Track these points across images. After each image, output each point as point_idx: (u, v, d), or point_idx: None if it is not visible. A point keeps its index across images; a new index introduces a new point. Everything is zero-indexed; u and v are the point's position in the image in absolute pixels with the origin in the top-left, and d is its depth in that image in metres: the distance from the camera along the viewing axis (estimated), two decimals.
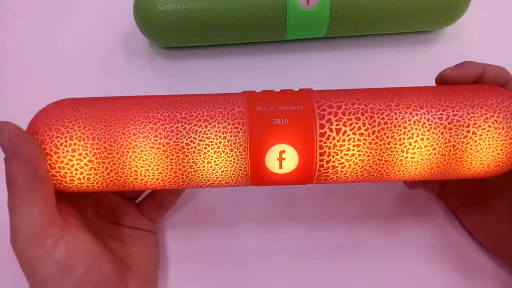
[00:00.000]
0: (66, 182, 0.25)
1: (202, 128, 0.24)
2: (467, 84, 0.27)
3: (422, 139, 0.24)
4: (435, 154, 0.24)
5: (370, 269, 0.32)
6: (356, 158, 0.24)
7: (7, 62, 0.43)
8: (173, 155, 0.24)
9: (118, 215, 0.31)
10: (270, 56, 0.43)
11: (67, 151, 0.24)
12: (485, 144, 0.24)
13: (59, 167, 0.24)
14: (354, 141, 0.24)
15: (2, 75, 0.42)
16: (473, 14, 0.40)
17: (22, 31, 0.45)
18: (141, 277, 0.29)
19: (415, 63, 0.42)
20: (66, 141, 0.24)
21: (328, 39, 0.43)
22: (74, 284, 0.23)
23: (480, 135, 0.24)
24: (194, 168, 0.25)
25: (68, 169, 0.24)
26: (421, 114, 0.24)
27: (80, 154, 0.24)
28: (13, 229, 0.23)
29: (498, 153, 0.25)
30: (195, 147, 0.24)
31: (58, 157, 0.24)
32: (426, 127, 0.24)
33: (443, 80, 0.28)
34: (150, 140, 0.24)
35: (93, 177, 0.24)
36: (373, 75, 0.41)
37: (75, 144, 0.24)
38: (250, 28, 0.39)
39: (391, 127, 0.24)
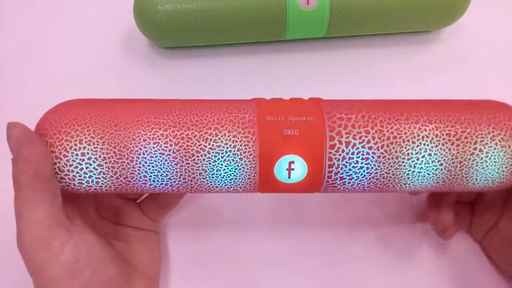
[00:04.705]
0: (74, 185, 0.24)
1: (213, 136, 0.24)
2: (476, 100, 0.27)
3: (430, 154, 0.24)
4: (441, 170, 0.25)
5: (379, 275, 0.32)
6: (364, 171, 0.25)
7: (7, 62, 0.43)
8: (182, 162, 0.24)
9: (120, 215, 0.31)
10: (270, 56, 0.43)
11: (77, 155, 0.23)
12: (490, 162, 0.25)
13: (68, 170, 0.24)
14: (363, 154, 0.24)
15: (2, 75, 0.42)
16: (473, 14, 0.40)
17: (22, 31, 0.45)
18: (146, 277, 0.29)
19: (415, 63, 0.42)
20: (75, 144, 0.23)
21: (328, 39, 0.43)
22: (82, 286, 0.23)
23: (487, 152, 0.24)
24: (203, 176, 0.25)
25: (77, 172, 0.24)
26: (429, 130, 0.24)
27: (89, 159, 0.24)
28: (19, 231, 0.23)
29: (503, 171, 0.25)
30: (205, 155, 0.24)
31: (67, 161, 0.24)
32: (434, 142, 0.24)
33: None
34: (160, 146, 0.24)
35: (102, 181, 0.24)
36: (373, 75, 0.41)
37: (84, 148, 0.23)
38: (250, 28, 0.39)
39: (399, 141, 0.24)
